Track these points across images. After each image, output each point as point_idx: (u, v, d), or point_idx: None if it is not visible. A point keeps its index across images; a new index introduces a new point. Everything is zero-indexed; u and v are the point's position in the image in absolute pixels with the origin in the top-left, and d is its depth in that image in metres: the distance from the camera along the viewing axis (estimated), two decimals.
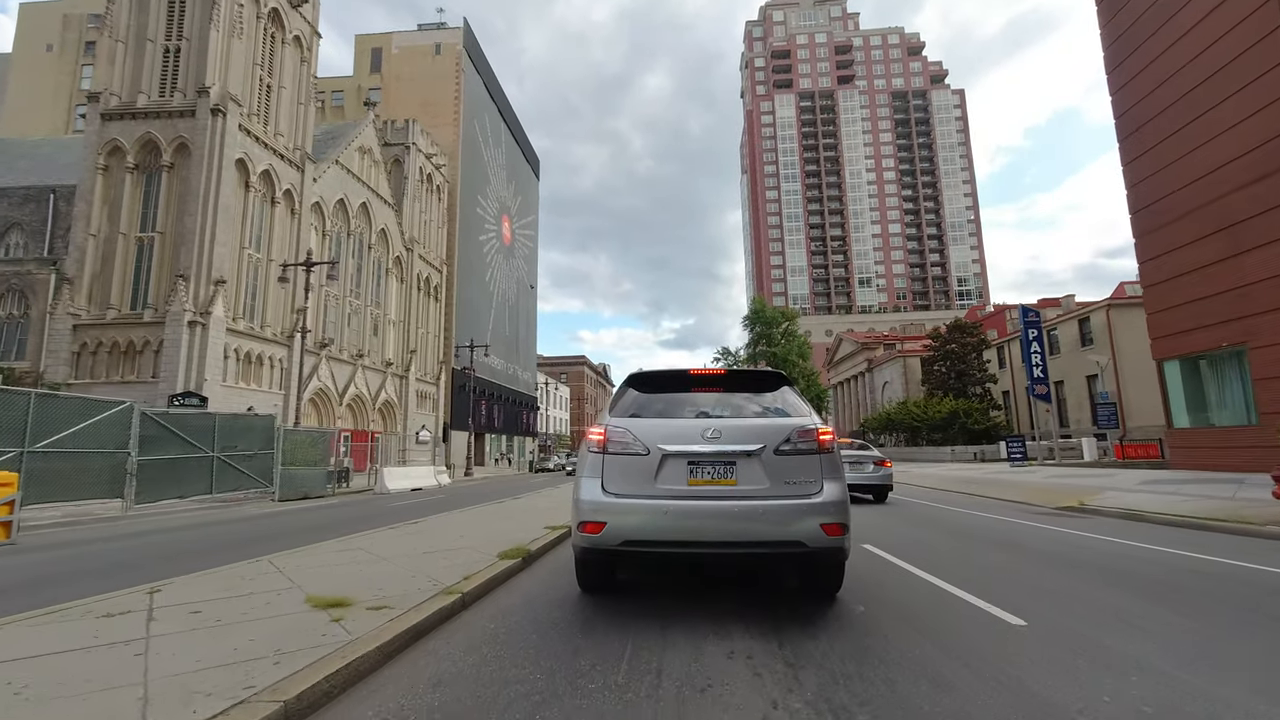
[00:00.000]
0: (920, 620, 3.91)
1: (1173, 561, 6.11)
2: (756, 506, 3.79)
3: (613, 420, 4.18)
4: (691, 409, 4.43)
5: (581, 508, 3.95)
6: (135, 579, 5.02)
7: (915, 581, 5.19)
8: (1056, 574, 5.50)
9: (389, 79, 57.20)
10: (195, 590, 4.38)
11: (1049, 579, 5.27)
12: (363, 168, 39.84)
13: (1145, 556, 6.41)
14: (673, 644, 3.40)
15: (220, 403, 25.20)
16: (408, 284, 45.22)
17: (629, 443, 4.00)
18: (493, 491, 19.87)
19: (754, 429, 4.06)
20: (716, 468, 3.90)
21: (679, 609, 4.19)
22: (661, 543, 3.81)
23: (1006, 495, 15.51)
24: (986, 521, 10.26)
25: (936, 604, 4.38)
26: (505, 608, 4.32)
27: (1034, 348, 28.01)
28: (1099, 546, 7.15)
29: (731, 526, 3.76)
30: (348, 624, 3.49)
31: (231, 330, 27.19)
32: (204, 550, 7.85)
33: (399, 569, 5.20)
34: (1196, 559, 6.21)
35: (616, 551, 3.93)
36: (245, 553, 6.96)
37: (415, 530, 7.86)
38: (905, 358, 54.89)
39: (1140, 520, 10.34)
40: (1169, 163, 18.38)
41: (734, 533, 3.77)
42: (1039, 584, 5.06)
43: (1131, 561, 6.11)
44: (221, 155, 26.73)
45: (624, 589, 4.80)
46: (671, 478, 3.90)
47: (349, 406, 37.65)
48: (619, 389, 4.66)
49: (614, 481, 3.95)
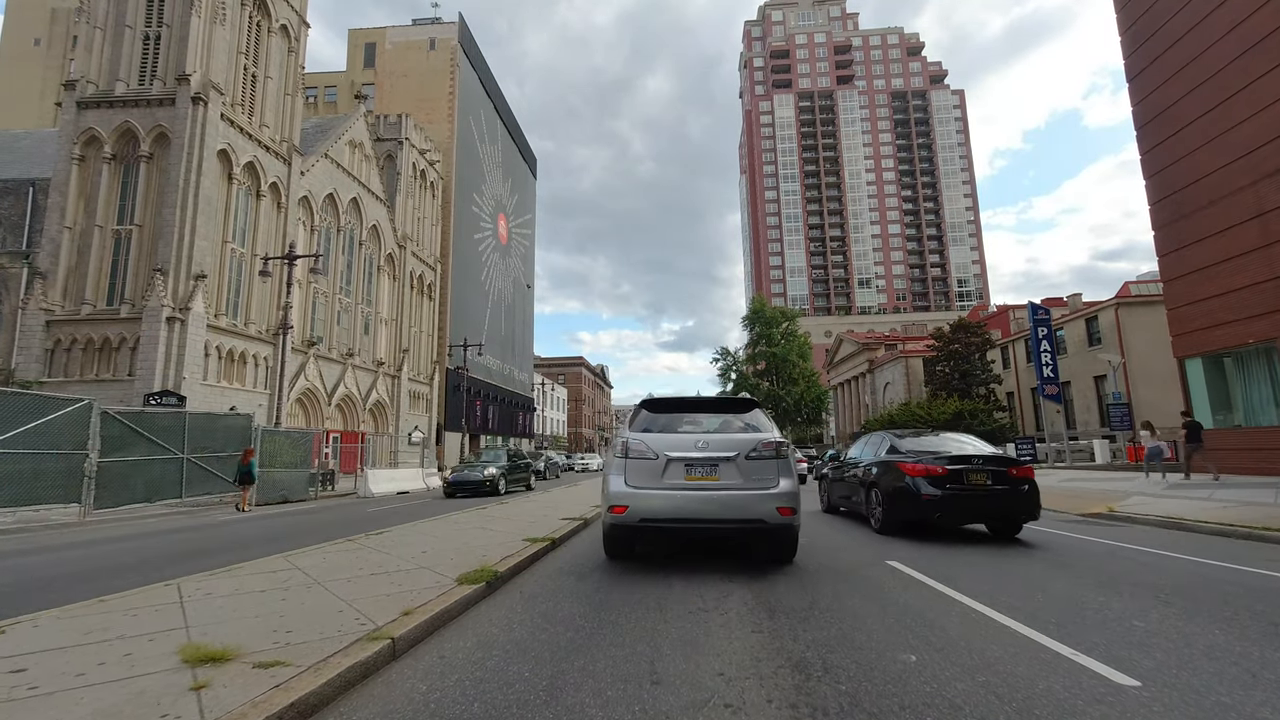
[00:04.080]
0: (1002, 677, 2.93)
1: (1268, 585, 5.14)
2: (733, 495, 5.28)
3: (632, 434, 5.68)
4: (688, 425, 5.88)
5: (611, 496, 5.42)
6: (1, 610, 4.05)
7: (977, 618, 4.19)
8: (1131, 603, 4.53)
9: (383, 74, 56.24)
10: (48, 633, 3.40)
11: (1129, 609, 4.29)
12: (353, 162, 38.84)
13: (1227, 578, 5.42)
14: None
15: (200, 402, 24.19)
16: (400, 282, 44.21)
17: (643, 450, 5.47)
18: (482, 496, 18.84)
19: (731, 441, 5.53)
20: (705, 468, 5.38)
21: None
22: (666, 520, 5.30)
23: None
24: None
25: (1013, 653, 3.38)
26: (450, 657, 3.34)
27: (1044, 346, 27.11)
28: (1161, 564, 6.18)
29: (715, 509, 5.25)
30: (212, 694, 2.51)
31: (213, 327, 26.17)
32: (128, 567, 6.85)
33: (328, 600, 4.21)
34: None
35: (636, 527, 5.42)
36: (169, 571, 5.99)
37: (375, 544, 6.87)
38: (907, 358, 53.96)
39: (1185, 529, 9.37)
40: (1193, 149, 17.46)
41: (716, 513, 5.25)
42: (1120, 618, 4.08)
43: (1218, 586, 5.12)
44: (202, 145, 25.72)
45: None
46: (673, 475, 5.37)
47: (339, 407, 36.62)
48: (635, 410, 6.19)
49: (633, 477, 5.41)
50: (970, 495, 7.63)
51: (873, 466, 8.92)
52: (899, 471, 8.07)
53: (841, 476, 10.80)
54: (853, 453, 10.81)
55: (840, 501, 10.96)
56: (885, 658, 3.22)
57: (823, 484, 12.55)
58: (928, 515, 7.75)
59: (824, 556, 6.48)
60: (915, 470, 7.87)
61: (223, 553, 7.61)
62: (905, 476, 7.93)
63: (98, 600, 4.25)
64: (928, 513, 7.71)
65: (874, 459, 9.06)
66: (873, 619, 4.01)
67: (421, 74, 54.85)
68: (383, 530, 8.32)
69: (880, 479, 8.51)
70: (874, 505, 8.69)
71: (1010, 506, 7.77)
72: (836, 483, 11.20)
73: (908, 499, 7.85)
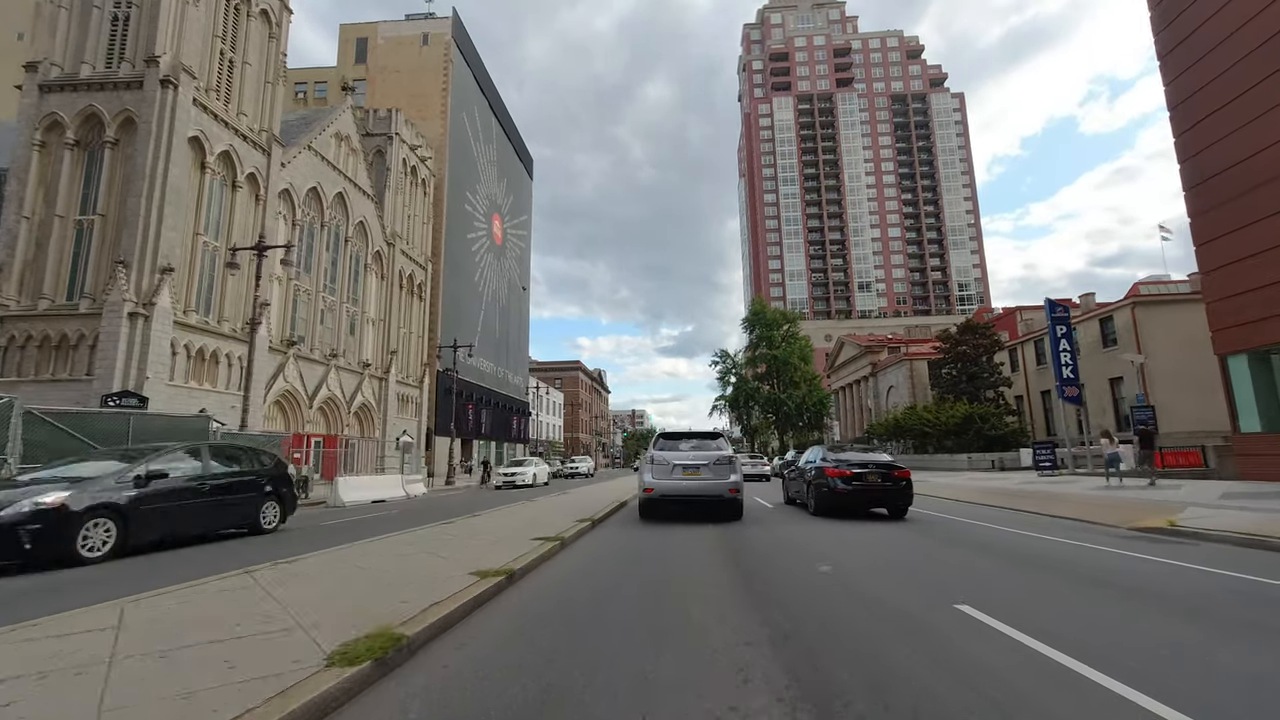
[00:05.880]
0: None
1: None
2: (707, 482, 10.40)
3: (654, 452, 10.94)
4: (684, 446, 11.19)
5: (644, 483, 10.62)
6: None
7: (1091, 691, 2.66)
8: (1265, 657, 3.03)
9: (374, 70, 54.93)
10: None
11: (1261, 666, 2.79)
12: (339, 155, 37.38)
13: None
14: None
15: (166, 404, 22.59)
16: (389, 281, 42.67)
17: (661, 460, 10.64)
18: (460, 506, 17.30)
19: (706, 455, 10.73)
20: (693, 469, 10.52)
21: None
22: (674, 495, 10.48)
23: (1055, 510, 13.07)
24: (1059, 548, 7.81)
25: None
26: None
27: (1062, 346, 25.58)
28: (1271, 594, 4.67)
29: (698, 489, 10.44)
30: None
31: (181, 324, 24.60)
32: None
33: (98, 695, 2.65)
34: None
35: (658, 499, 10.59)
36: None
37: (276, 577, 5.30)
38: (912, 361, 52.43)
39: (1274, 550, 7.85)
40: (1235, 128, 16.03)
41: (699, 491, 10.43)
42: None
43: None
44: (172, 131, 24.21)
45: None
46: (676, 473, 10.50)
47: (321, 410, 35.00)
48: (655, 439, 11.81)
49: (656, 474, 10.56)
50: (868, 489, 11.18)
51: (809, 469, 12.48)
52: (824, 474, 11.57)
53: (794, 476, 14.46)
54: (802, 459, 14.20)
55: (795, 495, 14.22)
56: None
57: (784, 482, 16.47)
58: (841, 503, 11.27)
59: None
60: (834, 473, 11.44)
61: (102, 585, 6.03)
62: (827, 476, 11.48)
63: None
64: (841, 500, 11.24)
65: (812, 464, 12.53)
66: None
67: (414, 70, 53.54)
68: (306, 555, 6.73)
69: (814, 478, 12.01)
70: (808, 496, 12.32)
71: (894, 497, 11.22)
72: (791, 481, 14.89)
73: (828, 491, 11.39)
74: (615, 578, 5.89)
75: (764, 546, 7.88)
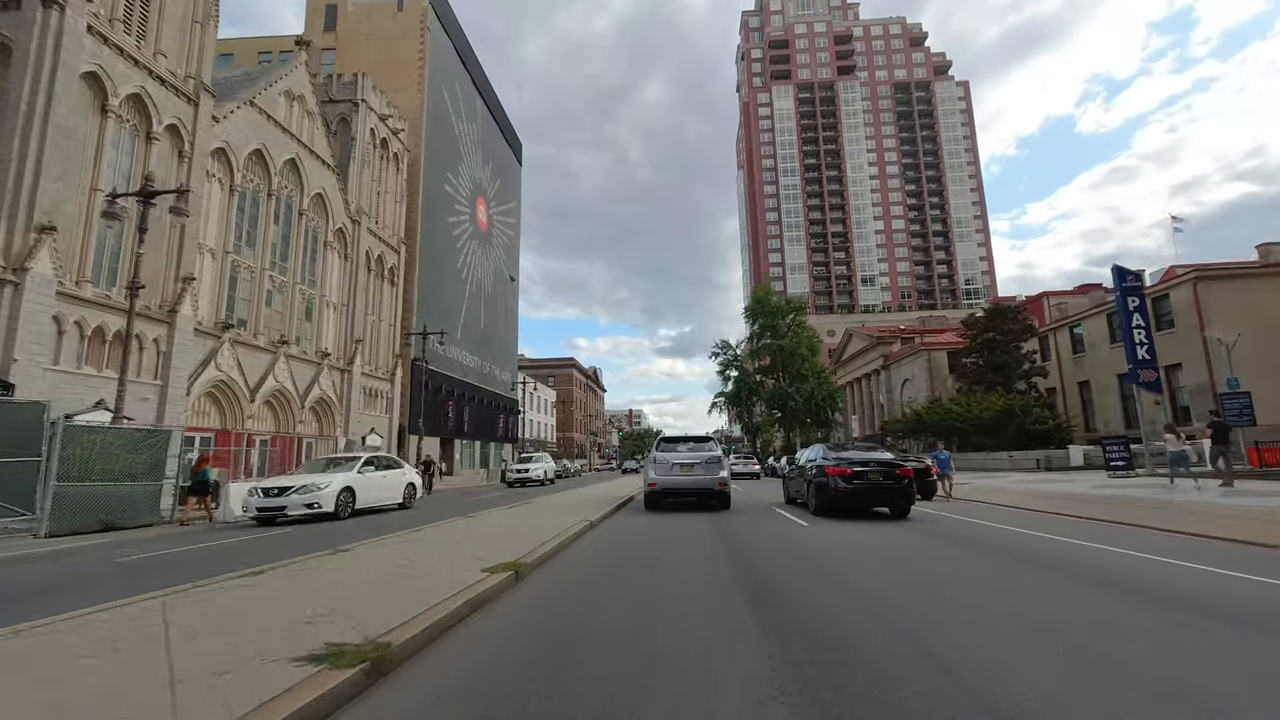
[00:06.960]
0: None
1: None
2: (700, 478, 13.39)
3: (656, 453, 14.09)
4: (681, 448, 14.10)
5: (649, 479, 13.80)
6: None
7: None
8: None
9: (344, 38, 50.52)
10: None
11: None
12: (291, 117, 32.98)
13: None
14: None
15: (48, 391, 18.16)
16: (353, 261, 38.23)
17: (662, 460, 13.73)
18: (426, 514, 13.01)
19: (699, 455, 13.72)
20: (688, 467, 13.51)
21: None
22: (672, 489, 13.60)
23: (1154, 522, 9.52)
24: (1216, 581, 4.09)
25: None
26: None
27: (1135, 321, 21.28)
28: None
29: (693, 484, 13.49)
30: None
31: (71, 295, 20.21)
32: None
33: None
34: None
35: (660, 492, 13.57)
36: None
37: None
38: (930, 351, 48.14)
39: None
40: None
41: (694, 485, 13.51)
42: None
43: None
44: (56, 62, 19.85)
45: None
46: (675, 470, 13.52)
47: (268, 403, 30.58)
48: (657, 441, 14.98)
49: (658, 471, 13.63)
50: (870, 488, 11.18)
51: (810, 468, 12.54)
52: (825, 473, 11.60)
53: (794, 476, 14.39)
54: (803, 458, 14.01)
55: (796, 494, 14.06)
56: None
57: (784, 482, 16.36)
58: (842, 502, 11.38)
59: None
60: (835, 471, 11.47)
61: None
62: (828, 475, 11.51)
63: None
64: (842, 500, 11.33)
65: (813, 462, 12.56)
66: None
67: (387, 37, 49.11)
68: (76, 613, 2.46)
69: (814, 477, 12.08)
70: (809, 495, 12.47)
71: (895, 495, 11.20)
72: (791, 480, 14.81)
73: (828, 490, 11.47)
74: None
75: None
